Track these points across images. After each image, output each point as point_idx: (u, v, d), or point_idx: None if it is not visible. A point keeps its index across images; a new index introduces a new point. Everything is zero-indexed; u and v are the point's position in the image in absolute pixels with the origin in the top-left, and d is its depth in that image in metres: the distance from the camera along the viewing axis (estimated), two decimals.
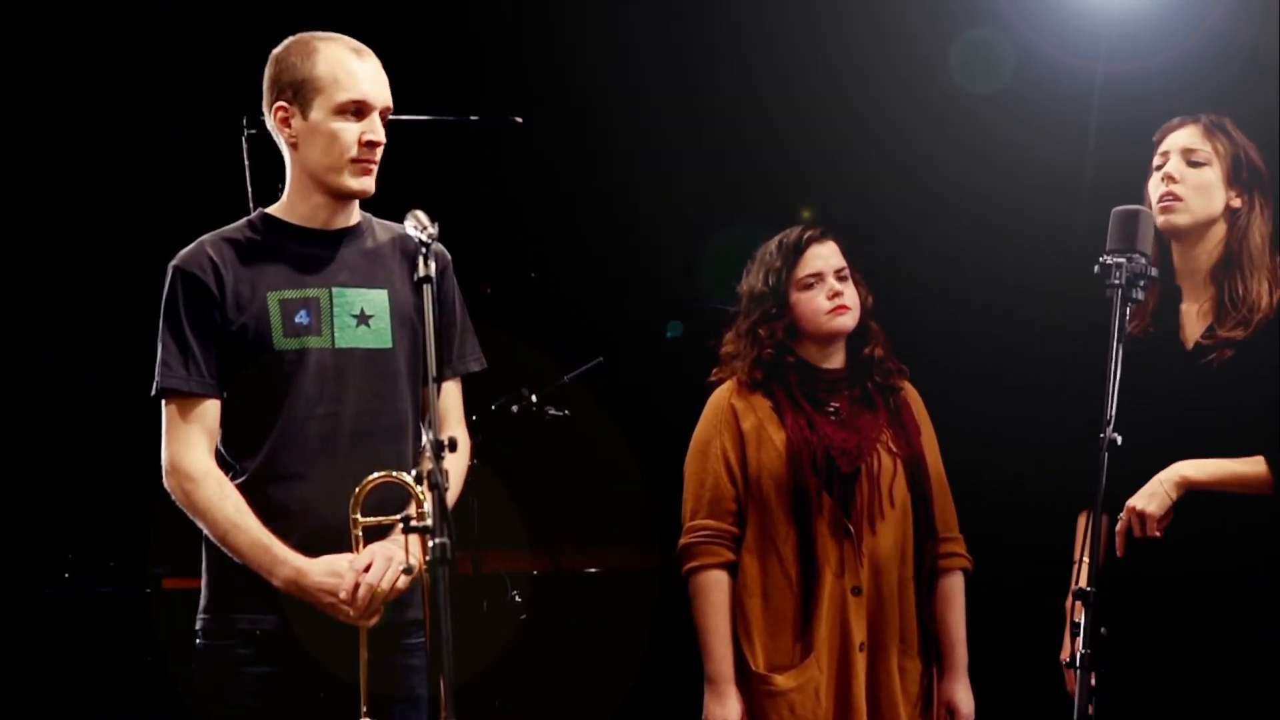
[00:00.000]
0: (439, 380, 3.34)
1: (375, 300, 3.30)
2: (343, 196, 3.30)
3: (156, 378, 3.24)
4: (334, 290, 3.28)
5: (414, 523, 2.91)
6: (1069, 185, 5.43)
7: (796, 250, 3.88)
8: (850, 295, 3.87)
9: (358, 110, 3.24)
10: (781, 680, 3.73)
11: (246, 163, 4.42)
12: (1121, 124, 5.17)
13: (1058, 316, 4.90)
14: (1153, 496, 3.52)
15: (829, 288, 3.86)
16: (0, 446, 5.93)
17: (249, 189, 4.41)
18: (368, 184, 3.29)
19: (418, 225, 3.06)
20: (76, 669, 4.39)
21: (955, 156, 5.74)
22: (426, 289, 2.96)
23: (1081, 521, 3.82)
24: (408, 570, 3.07)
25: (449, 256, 3.42)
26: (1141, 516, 3.51)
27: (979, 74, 5.69)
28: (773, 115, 6.07)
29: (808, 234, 3.90)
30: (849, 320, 3.87)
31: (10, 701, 4.20)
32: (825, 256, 3.88)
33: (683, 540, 3.86)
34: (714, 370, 3.97)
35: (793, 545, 3.76)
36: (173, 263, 3.27)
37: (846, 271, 3.89)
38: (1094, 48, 5.51)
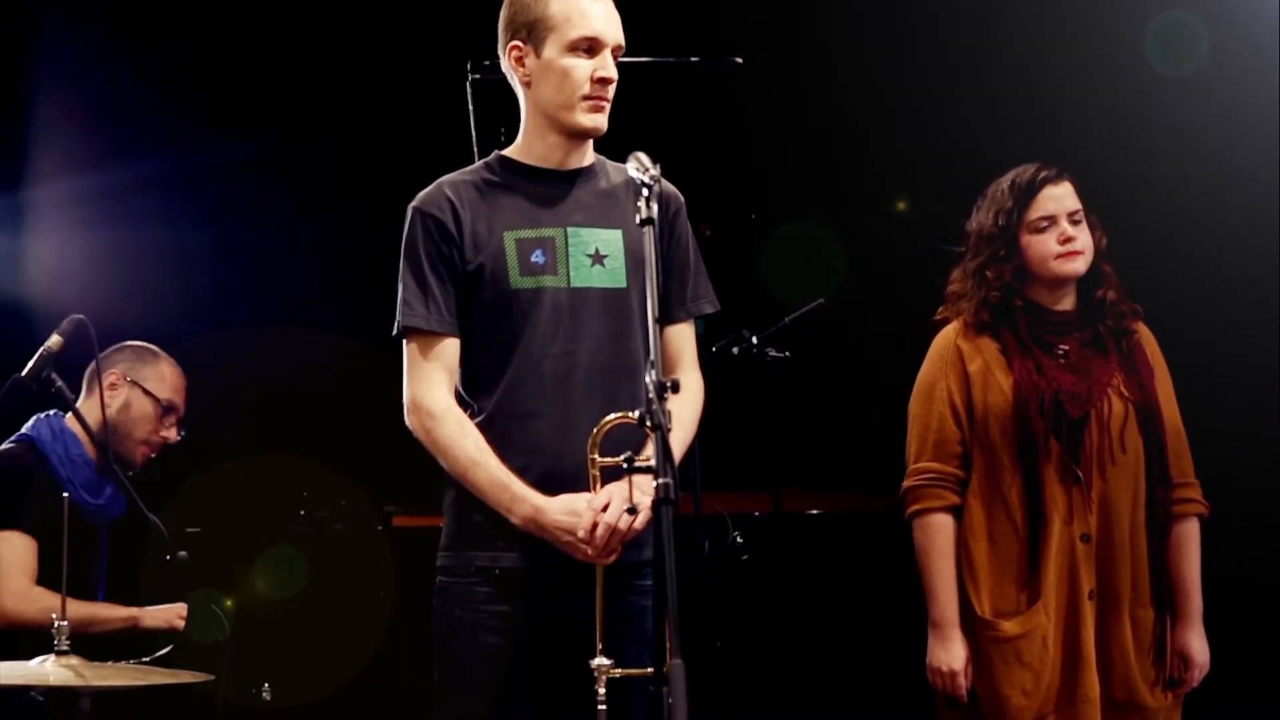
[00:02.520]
0: (672, 322, 3.38)
1: (610, 240, 3.32)
2: (576, 134, 3.32)
3: (398, 317, 3.30)
4: (569, 230, 3.31)
5: (637, 462, 2.92)
6: None
7: (1030, 191, 3.80)
8: (1083, 239, 3.78)
9: (590, 47, 3.27)
10: (1008, 626, 3.69)
11: (471, 107, 4.47)
12: None
13: None
14: None
15: (1061, 231, 3.77)
16: (235, 388, 6.12)
17: (473, 133, 4.46)
18: (600, 121, 3.31)
19: (639, 167, 3.07)
20: (315, 604, 4.52)
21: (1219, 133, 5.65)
22: (648, 230, 2.96)
23: None
24: (632, 510, 3.08)
25: (682, 198, 3.43)
26: None
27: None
28: (1016, 62, 5.98)
29: (1042, 174, 3.80)
30: (1080, 265, 3.78)
31: (247, 638, 4.34)
32: (1059, 198, 3.79)
33: (907, 483, 3.83)
34: (939, 309, 3.92)
35: (1019, 490, 3.71)
36: (412, 204, 3.33)
37: (1081, 214, 3.80)
38: None
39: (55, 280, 5.88)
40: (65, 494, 3.63)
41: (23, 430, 4.35)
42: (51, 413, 4.34)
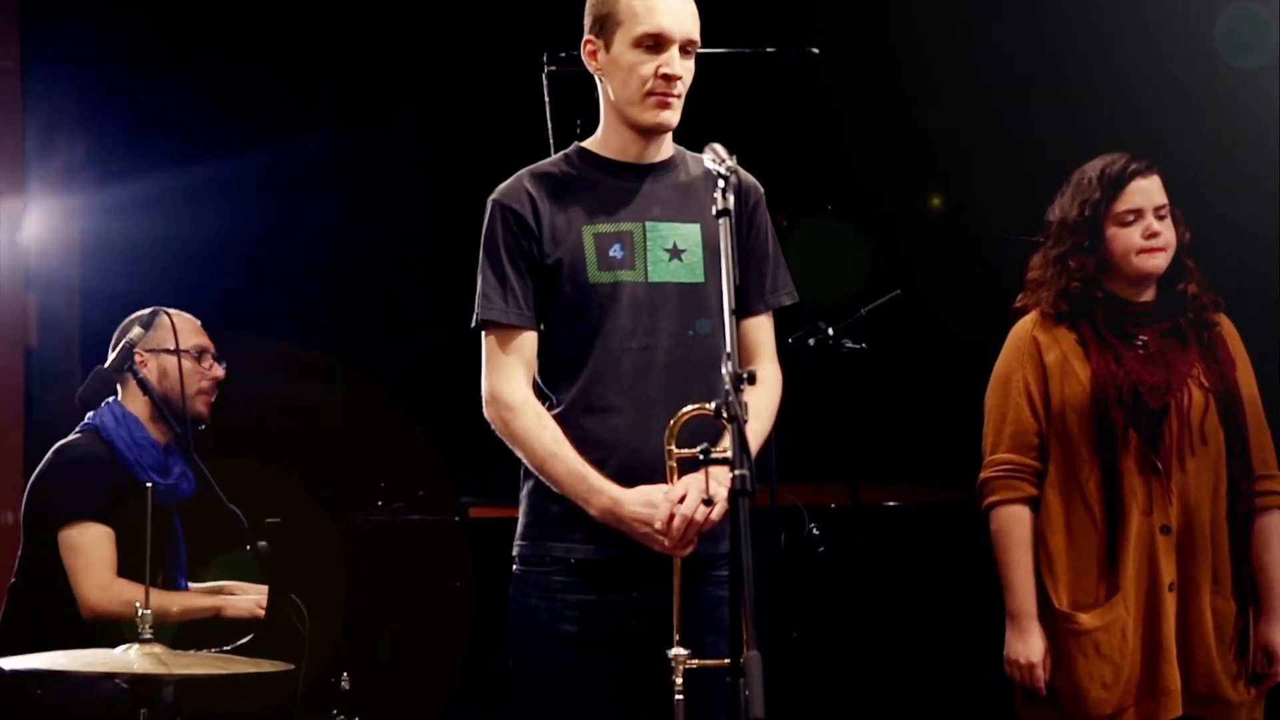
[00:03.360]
0: (750, 314, 3.38)
1: (687, 234, 3.31)
2: (643, 130, 3.32)
3: (476, 309, 3.31)
4: (647, 224, 3.30)
5: (714, 454, 2.92)
6: None
7: (1119, 182, 3.76)
8: (1167, 234, 3.75)
9: (654, 44, 3.24)
10: (1086, 619, 3.67)
11: (547, 99, 4.48)
12: None
13: None
14: None
15: (1146, 225, 3.73)
16: (317, 379, 6.19)
17: (549, 125, 4.47)
18: (666, 118, 3.29)
19: (716, 158, 3.07)
20: (392, 595, 4.54)
21: None
22: (724, 221, 2.96)
23: None
24: (707, 502, 3.08)
25: (761, 190, 3.42)
26: None
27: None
28: (1091, 54, 5.94)
29: (1132, 166, 3.76)
30: (1162, 261, 3.75)
31: (326, 628, 4.37)
32: (1147, 192, 3.75)
33: (983, 474, 3.82)
34: (1019, 295, 3.90)
35: (1097, 482, 3.69)
36: (492, 197, 3.34)
37: (1166, 209, 3.76)
38: None
39: (138, 273, 5.95)
40: (149, 484, 3.67)
41: (86, 420, 4.38)
42: (111, 400, 4.36)
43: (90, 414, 4.36)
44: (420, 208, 6.27)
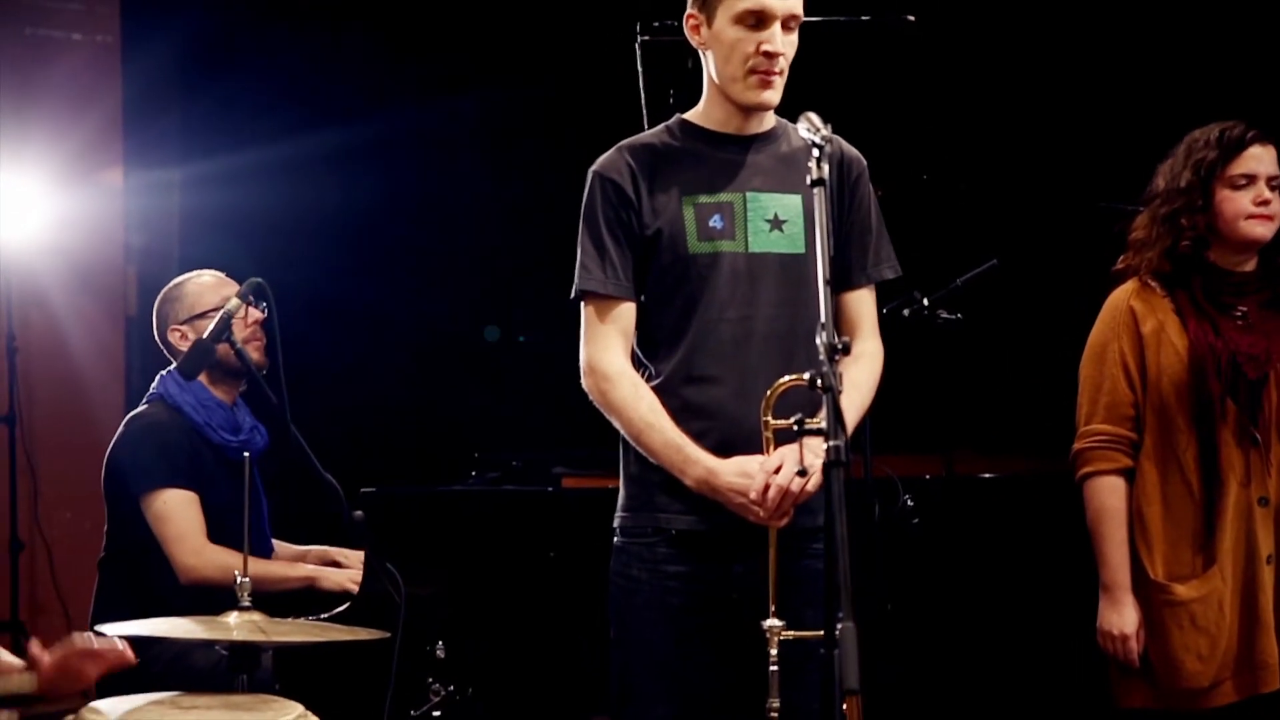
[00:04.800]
0: (852, 287, 3.37)
1: (789, 205, 3.31)
2: (743, 108, 3.32)
3: (576, 280, 3.33)
4: (748, 195, 3.31)
5: (808, 425, 2.92)
6: None
7: (1237, 146, 3.72)
8: (1276, 205, 3.71)
9: (758, 20, 3.23)
10: (1182, 590, 3.64)
11: (640, 70, 4.48)
12: None
13: None
14: None
15: (1258, 193, 3.69)
16: (415, 351, 6.24)
17: (642, 96, 4.47)
18: (767, 97, 3.28)
19: (810, 127, 3.05)
20: (484, 564, 4.58)
21: None
22: (818, 191, 2.94)
23: None
24: (801, 473, 3.08)
25: (864, 162, 3.40)
26: None
27: None
28: (1190, 29, 5.87)
29: (1251, 132, 3.72)
30: (1268, 231, 3.71)
31: (421, 597, 4.41)
32: (1263, 160, 3.72)
33: (1078, 445, 3.79)
34: (1121, 257, 3.86)
35: (1194, 453, 3.67)
36: (592, 168, 3.36)
37: (1278, 180, 3.72)
38: None
39: (236, 245, 6.02)
40: (246, 454, 3.70)
41: (150, 391, 4.42)
42: (172, 367, 4.39)
43: (154, 384, 4.40)
44: (522, 179, 6.28)
